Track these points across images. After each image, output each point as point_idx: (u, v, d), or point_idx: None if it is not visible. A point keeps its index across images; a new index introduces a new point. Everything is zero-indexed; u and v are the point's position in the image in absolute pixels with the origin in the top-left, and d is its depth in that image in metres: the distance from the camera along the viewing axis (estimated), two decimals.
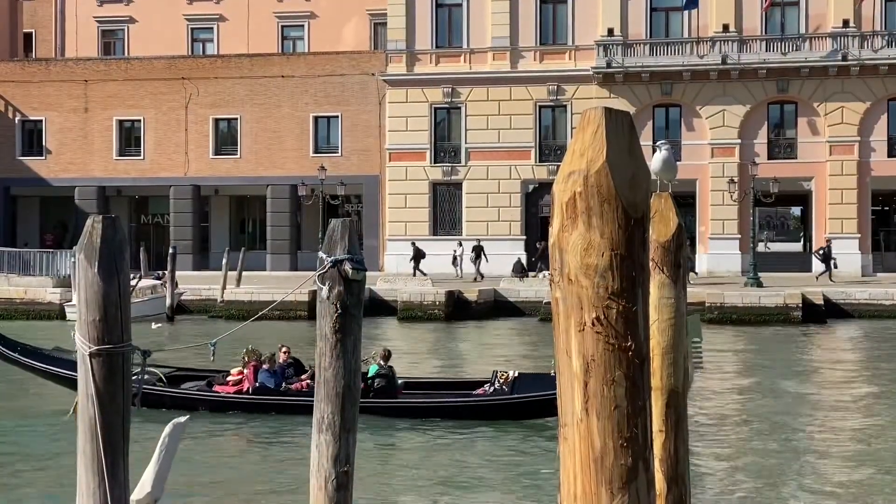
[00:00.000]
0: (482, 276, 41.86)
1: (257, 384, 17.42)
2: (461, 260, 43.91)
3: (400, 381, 17.69)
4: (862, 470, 14.07)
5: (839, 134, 44.21)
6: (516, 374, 17.47)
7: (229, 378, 17.92)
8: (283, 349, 18.35)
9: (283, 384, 17.57)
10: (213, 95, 49.62)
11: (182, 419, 7.48)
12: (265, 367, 17.55)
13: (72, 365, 17.62)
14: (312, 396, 17.47)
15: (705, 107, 44.93)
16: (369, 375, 16.99)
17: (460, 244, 44.58)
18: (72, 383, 17.04)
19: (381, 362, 17.37)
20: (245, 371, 17.72)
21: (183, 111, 49.88)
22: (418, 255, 43.25)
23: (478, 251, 43.11)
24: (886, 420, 17.60)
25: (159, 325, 32.48)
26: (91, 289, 5.44)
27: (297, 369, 18.13)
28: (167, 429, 7.39)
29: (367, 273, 6.38)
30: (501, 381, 17.18)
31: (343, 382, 5.96)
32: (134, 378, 5.88)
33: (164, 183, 49.99)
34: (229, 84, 49.50)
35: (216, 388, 17.75)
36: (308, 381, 17.24)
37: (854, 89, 44.06)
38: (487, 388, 17.24)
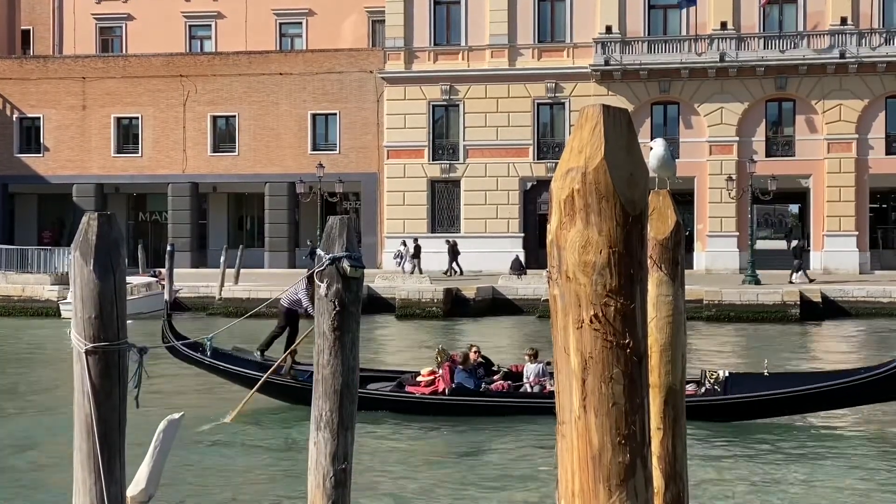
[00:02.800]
0: (420, 273, 42.06)
1: (454, 385, 16.82)
2: (404, 259, 44.18)
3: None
4: (858, 470, 14.08)
5: (837, 131, 44.23)
6: (727, 374, 16.89)
7: (420, 378, 17.38)
8: (474, 349, 17.77)
9: (482, 384, 17.06)
10: (212, 93, 49.59)
11: (176, 416, 7.47)
12: (461, 367, 16.97)
13: (255, 366, 17.62)
14: (515, 398, 16.72)
15: (703, 104, 44.94)
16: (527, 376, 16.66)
17: (404, 243, 44.69)
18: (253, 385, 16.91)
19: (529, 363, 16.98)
20: (439, 371, 17.18)
21: (181, 108, 49.85)
22: (418, 252, 43.41)
23: (417, 250, 43.46)
24: (884, 419, 17.60)
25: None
26: (87, 286, 5.43)
27: (486, 369, 17.62)
28: (161, 425, 7.38)
29: (366, 270, 6.37)
30: (712, 380, 16.61)
31: (341, 380, 5.95)
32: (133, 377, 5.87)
33: (162, 180, 49.97)
34: (227, 81, 49.47)
35: (408, 388, 17.25)
36: (508, 382, 16.96)
37: (852, 87, 44.07)
38: (697, 389, 16.59)
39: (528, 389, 17.01)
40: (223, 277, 38.32)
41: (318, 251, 6.03)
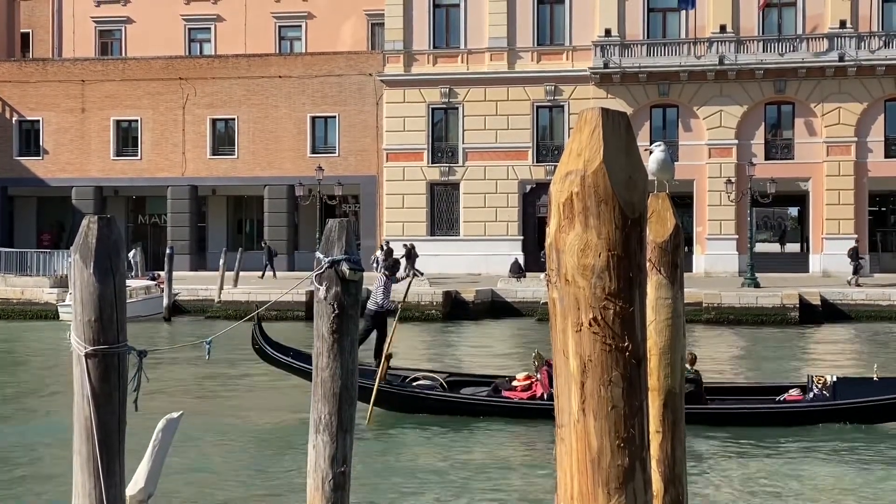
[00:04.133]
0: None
1: (552, 390, 16.63)
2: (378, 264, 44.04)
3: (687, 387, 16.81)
4: (852, 471, 14.07)
5: (836, 134, 44.25)
6: (835, 379, 16.66)
7: (516, 383, 17.19)
8: None
9: None
10: (211, 96, 49.61)
11: (175, 415, 7.46)
12: None
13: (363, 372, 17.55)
14: None
15: (702, 107, 44.96)
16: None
17: (381, 247, 44.52)
18: (364, 391, 16.58)
19: (688, 366, 16.84)
20: (537, 376, 16.97)
21: (180, 111, 49.87)
22: (410, 255, 43.16)
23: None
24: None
25: None
26: (86, 289, 5.43)
27: None
28: (160, 424, 7.37)
29: (365, 273, 6.37)
30: (820, 385, 16.41)
31: (340, 383, 5.95)
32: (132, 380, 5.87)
33: (162, 183, 49.98)
34: (227, 84, 49.49)
35: (505, 393, 17.06)
36: None
37: (851, 90, 44.10)
38: (803, 394, 16.48)
39: None
40: (222, 280, 38.33)
41: (318, 254, 6.04)
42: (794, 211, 53.62)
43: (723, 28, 44.75)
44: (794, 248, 49.73)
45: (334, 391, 5.94)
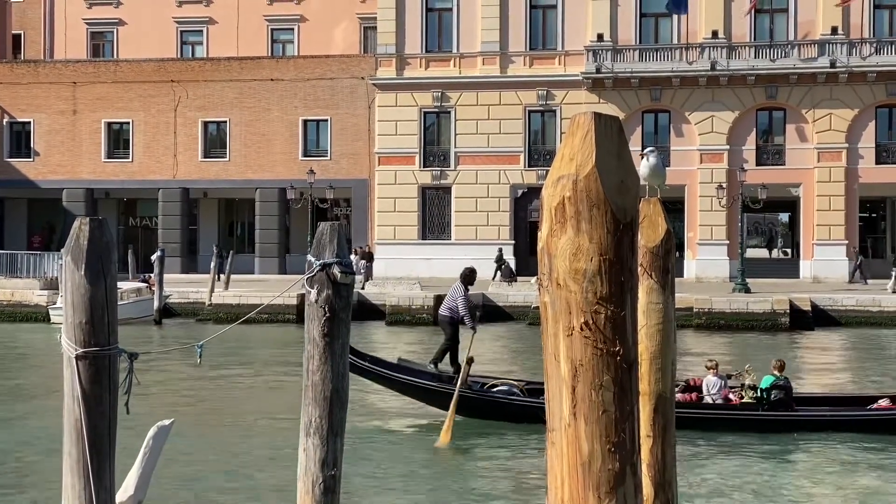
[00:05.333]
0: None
1: None
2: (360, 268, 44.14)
3: (776, 394, 16.46)
4: (845, 474, 14.10)
5: (827, 141, 44.37)
6: None
7: None
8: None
9: None
10: (203, 98, 49.55)
11: (167, 422, 7.45)
12: None
13: (430, 377, 17.28)
14: (704, 409, 16.43)
15: (694, 113, 45.04)
16: (763, 387, 16.27)
17: (354, 251, 44.45)
18: (440, 399, 16.62)
19: (777, 373, 16.54)
20: None
21: (172, 114, 49.80)
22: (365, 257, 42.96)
23: (369, 258, 43.26)
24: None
25: None
26: (77, 291, 5.42)
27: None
28: (151, 431, 7.35)
29: (356, 276, 6.38)
30: None
31: (331, 386, 5.95)
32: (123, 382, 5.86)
33: (153, 185, 49.90)
34: (218, 87, 49.45)
35: None
36: (695, 393, 16.60)
37: (842, 96, 44.22)
38: (894, 403, 16.37)
39: (710, 402, 16.66)
40: (213, 283, 38.27)
41: (309, 257, 6.03)
42: (784, 217, 53.79)
43: (714, 34, 44.85)
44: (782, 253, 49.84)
45: (325, 394, 5.93)
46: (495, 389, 17.20)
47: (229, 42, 53.76)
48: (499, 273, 43.32)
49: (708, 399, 16.69)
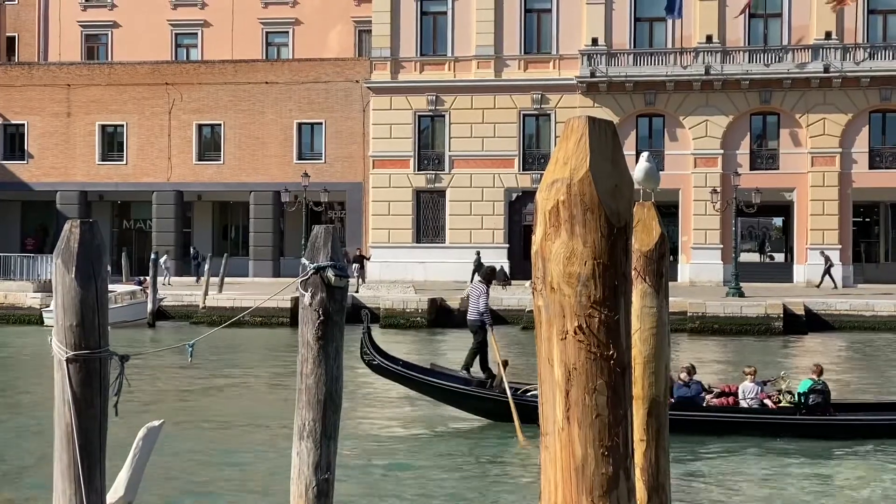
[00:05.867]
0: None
1: (674, 400, 16.13)
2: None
3: (814, 398, 16.41)
4: (884, 480, 14.11)
5: (821, 145, 44.44)
6: None
7: None
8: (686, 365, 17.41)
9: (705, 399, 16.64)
10: (197, 101, 49.51)
11: (156, 423, 7.43)
12: (681, 381, 16.59)
13: (462, 381, 17.26)
14: (743, 413, 16.41)
15: (688, 117, 45.09)
16: (800, 391, 16.20)
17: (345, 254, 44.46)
18: (475, 403, 16.75)
19: (815, 377, 16.49)
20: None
21: (166, 116, 49.75)
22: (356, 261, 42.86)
23: (360, 261, 43.13)
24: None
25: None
26: (68, 294, 5.40)
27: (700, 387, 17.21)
28: (141, 432, 7.34)
29: (350, 280, 6.36)
30: None
31: (325, 389, 5.93)
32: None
33: (147, 188, 49.84)
34: (213, 90, 49.41)
35: None
36: (732, 398, 16.55)
37: (836, 101, 44.30)
38: None
39: (746, 406, 16.63)
40: (207, 286, 38.24)
41: (303, 260, 6.02)
42: (778, 221, 53.86)
43: (709, 38, 44.91)
44: (777, 257, 49.89)
45: (319, 398, 5.92)
46: (529, 395, 17.18)
47: (224, 45, 53.73)
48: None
49: (744, 404, 16.66)
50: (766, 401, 16.66)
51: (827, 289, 40.93)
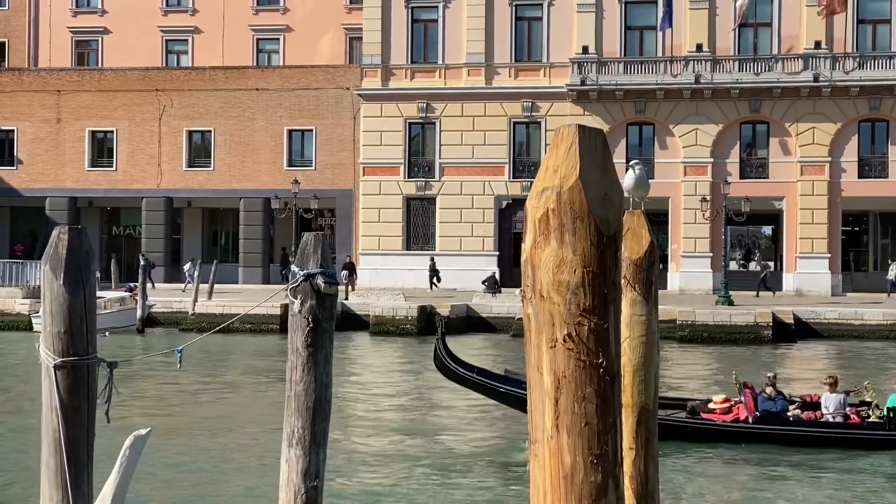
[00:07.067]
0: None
1: (759, 413, 16.38)
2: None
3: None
4: (833, 482, 14.14)
5: (810, 154, 44.57)
6: None
7: (713, 405, 16.89)
8: (769, 375, 17.23)
9: (790, 413, 16.54)
10: (187, 107, 49.46)
11: (143, 431, 7.40)
12: (765, 394, 16.52)
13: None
14: (827, 428, 16.30)
15: (678, 125, 45.20)
16: (890, 405, 16.07)
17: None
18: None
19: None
20: (739, 398, 16.71)
21: (156, 123, 49.68)
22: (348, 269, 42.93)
23: (349, 268, 43.15)
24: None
25: (106, 335, 32.06)
26: (56, 300, 5.39)
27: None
28: (128, 441, 7.31)
29: (339, 287, 6.35)
30: None
31: (314, 396, 5.92)
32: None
33: (137, 195, 49.74)
34: (203, 96, 49.36)
35: (703, 415, 16.72)
36: (818, 412, 16.38)
37: (825, 110, 44.44)
38: None
39: (831, 420, 16.48)
40: (196, 292, 38.17)
41: (293, 267, 6.01)
42: (768, 229, 53.97)
43: (699, 47, 45.04)
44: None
45: (308, 405, 5.91)
46: None
47: (214, 51, 53.67)
48: (434, 283, 43.54)
49: (828, 417, 16.48)
50: (853, 415, 16.49)
51: (767, 297, 41.50)
